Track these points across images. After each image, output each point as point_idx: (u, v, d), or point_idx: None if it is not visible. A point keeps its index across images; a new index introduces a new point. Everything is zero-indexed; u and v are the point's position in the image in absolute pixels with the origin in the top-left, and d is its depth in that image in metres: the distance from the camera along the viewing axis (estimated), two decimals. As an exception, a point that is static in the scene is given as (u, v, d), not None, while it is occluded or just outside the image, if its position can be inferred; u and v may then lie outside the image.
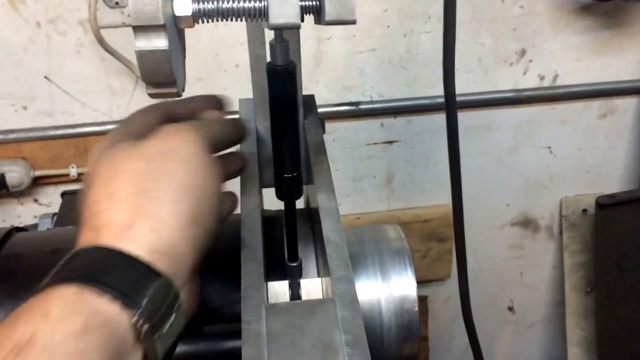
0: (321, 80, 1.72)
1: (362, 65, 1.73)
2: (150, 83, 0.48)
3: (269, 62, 0.64)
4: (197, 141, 0.57)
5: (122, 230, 0.50)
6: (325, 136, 1.88)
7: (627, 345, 1.89)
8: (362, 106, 1.77)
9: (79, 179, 1.70)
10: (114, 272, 0.47)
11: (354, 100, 1.76)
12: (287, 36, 0.62)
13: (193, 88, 1.86)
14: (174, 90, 0.49)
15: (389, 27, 1.69)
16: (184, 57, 0.55)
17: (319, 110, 1.74)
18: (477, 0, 1.69)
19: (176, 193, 0.53)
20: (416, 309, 0.81)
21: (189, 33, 0.56)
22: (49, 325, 0.43)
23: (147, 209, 0.51)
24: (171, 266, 0.51)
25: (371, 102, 1.77)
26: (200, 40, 1.63)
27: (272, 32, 0.58)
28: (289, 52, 0.63)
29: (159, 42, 0.47)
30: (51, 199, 1.75)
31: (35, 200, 1.76)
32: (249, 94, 0.82)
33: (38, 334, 0.42)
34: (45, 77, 1.63)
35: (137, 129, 0.60)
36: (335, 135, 1.80)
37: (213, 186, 0.57)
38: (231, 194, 0.66)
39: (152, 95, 0.49)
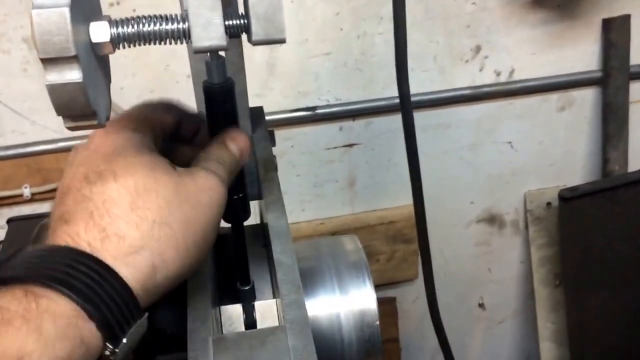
0: (276, 86, 1.69)
1: (317, 69, 1.71)
2: (67, 117, 0.45)
3: (205, 81, 0.61)
4: (224, 194, 0.59)
5: (127, 250, 0.51)
6: (284, 142, 1.85)
7: (597, 337, 1.89)
8: (319, 111, 1.74)
9: (32, 199, 1.66)
10: (108, 300, 0.48)
11: (310, 105, 1.74)
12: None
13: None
14: (94, 122, 0.45)
15: (342, 29, 1.67)
16: (109, 83, 0.51)
17: (276, 117, 1.74)
18: (429, -2, 1.68)
19: (191, 245, 0.54)
20: (377, 322, 0.79)
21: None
22: (40, 348, 0.43)
23: (160, 243, 0.52)
24: (150, 300, 0.53)
25: (328, 106, 1.75)
26: (151, 51, 1.59)
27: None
28: (225, 70, 0.61)
29: (72, 75, 0.43)
30: (4, 221, 1.70)
31: (-12, 224, 1.71)
32: (202, 104, 0.79)
33: (27, 358, 0.43)
34: (-8, 97, 1.58)
35: (157, 133, 0.62)
36: (294, 141, 1.77)
37: (219, 222, 0.60)
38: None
39: (70, 129, 0.46)
